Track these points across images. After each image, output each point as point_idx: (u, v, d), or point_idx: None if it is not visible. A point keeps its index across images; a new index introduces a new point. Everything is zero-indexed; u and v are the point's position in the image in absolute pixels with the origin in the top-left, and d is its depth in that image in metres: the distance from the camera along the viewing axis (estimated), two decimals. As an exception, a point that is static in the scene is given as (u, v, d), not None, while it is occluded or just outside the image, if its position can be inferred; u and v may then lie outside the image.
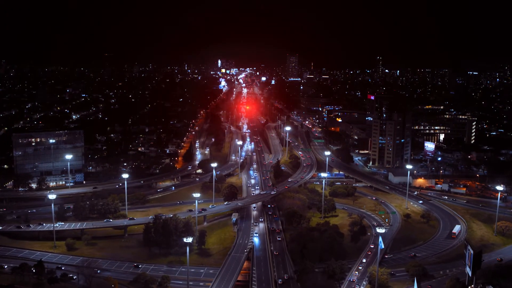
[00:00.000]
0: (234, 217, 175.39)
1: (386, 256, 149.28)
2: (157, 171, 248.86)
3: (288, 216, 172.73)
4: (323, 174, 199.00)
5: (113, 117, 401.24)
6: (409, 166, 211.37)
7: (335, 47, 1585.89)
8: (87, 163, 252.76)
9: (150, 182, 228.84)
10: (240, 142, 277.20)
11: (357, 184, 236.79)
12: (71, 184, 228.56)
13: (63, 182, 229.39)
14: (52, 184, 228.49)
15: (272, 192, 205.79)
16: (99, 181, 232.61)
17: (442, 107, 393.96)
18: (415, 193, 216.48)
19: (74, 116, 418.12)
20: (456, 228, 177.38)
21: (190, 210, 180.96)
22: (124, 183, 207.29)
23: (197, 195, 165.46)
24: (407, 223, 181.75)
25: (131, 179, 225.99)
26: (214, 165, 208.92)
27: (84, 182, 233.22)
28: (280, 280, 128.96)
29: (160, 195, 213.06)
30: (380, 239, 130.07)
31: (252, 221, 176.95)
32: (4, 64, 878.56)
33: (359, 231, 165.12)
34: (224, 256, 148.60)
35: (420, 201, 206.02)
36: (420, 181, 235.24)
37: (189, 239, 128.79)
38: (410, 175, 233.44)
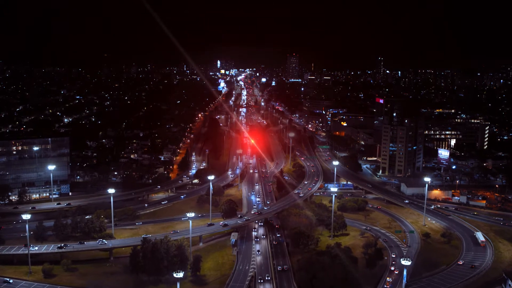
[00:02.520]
0: (233, 238, 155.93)
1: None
2: (150, 181, 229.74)
3: (294, 237, 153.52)
4: (333, 189, 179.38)
5: (106, 120, 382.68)
6: (427, 179, 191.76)
7: (335, 48, 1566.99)
8: (74, 172, 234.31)
9: (141, 194, 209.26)
10: (240, 151, 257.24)
11: (367, 196, 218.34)
12: (56, 196, 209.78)
13: (47, 194, 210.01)
14: (35, 196, 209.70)
15: (301, 194, 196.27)
16: (86, 192, 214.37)
17: (453, 111, 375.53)
18: (432, 207, 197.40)
19: (66, 120, 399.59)
20: (479, 236, 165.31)
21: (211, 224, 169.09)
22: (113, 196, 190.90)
23: (191, 214, 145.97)
24: (426, 244, 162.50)
25: (121, 191, 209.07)
26: (211, 177, 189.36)
27: (70, 193, 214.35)
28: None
29: (152, 210, 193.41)
30: (405, 272, 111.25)
31: (253, 242, 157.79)
32: (0, 65, 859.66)
33: (375, 254, 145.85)
34: (222, 285, 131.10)
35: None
36: (436, 192, 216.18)
37: (180, 274, 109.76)
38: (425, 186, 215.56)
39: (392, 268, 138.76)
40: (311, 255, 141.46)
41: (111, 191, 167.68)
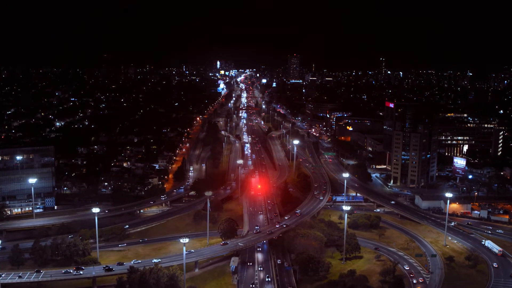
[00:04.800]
0: (234, 264, 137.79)
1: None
2: (143, 193, 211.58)
3: (303, 263, 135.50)
4: (345, 207, 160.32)
5: (100, 124, 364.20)
6: (448, 194, 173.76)
7: (335, 48, 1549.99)
8: (61, 183, 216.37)
9: (132, 209, 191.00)
10: (240, 161, 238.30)
11: (378, 210, 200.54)
12: (40, 210, 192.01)
13: (30, 208, 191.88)
14: (16, 210, 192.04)
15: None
16: (73, 206, 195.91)
17: (465, 115, 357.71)
18: (452, 223, 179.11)
19: (57, 123, 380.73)
20: (492, 245, 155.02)
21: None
22: (104, 211, 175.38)
23: (185, 240, 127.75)
24: (450, 269, 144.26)
25: (111, 205, 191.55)
26: (208, 193, 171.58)
27: (55, 207, 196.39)
28: None
29: (143, 227, 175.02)
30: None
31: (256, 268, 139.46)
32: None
33: (394, 284, 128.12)
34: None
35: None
36: (454, 206, 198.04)
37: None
38: (441, 199, 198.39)
39: None
40: (323, 287, 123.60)
41: (96, 210, 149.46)
